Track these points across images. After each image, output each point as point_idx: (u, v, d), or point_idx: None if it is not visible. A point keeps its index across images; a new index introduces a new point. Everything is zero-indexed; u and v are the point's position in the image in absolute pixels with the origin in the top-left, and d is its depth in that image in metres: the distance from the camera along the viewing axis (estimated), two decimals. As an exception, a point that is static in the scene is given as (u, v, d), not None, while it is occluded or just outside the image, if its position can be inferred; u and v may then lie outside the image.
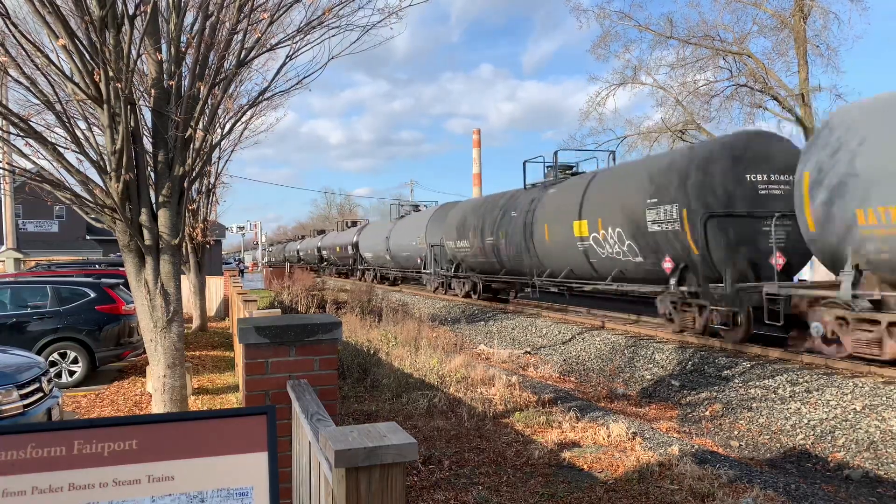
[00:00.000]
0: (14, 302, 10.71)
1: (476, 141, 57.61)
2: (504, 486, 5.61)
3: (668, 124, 27.35)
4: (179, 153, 6.07)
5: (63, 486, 1.81)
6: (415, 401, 8.34)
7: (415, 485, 5.61)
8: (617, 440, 6.88)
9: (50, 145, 5.63)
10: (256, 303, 9.44)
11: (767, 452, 7.77)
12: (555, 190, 17.26)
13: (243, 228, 54.80)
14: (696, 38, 26.47)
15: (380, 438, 1.82)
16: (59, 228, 41.32)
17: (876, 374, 9.02)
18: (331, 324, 3.64)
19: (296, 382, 3.45)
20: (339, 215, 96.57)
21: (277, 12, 6.21)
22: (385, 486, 1.78)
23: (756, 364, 10.38)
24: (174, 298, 6.13)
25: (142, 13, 5.62)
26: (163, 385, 6.16)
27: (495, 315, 19.16)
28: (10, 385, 5.93)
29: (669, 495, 5.36)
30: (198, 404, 8.73)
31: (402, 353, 11.64)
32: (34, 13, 5.21)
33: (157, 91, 5.89)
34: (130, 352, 11.35)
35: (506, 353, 14.06)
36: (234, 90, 10.87)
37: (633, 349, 12.75)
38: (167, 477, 1.90)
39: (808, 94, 23.98)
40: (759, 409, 8.88)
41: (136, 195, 5.93)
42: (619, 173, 15.02)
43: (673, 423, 8.86)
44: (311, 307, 19.85)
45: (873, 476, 6.76)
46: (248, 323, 3.63)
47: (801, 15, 23.81)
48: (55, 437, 1.84)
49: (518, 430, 7.30)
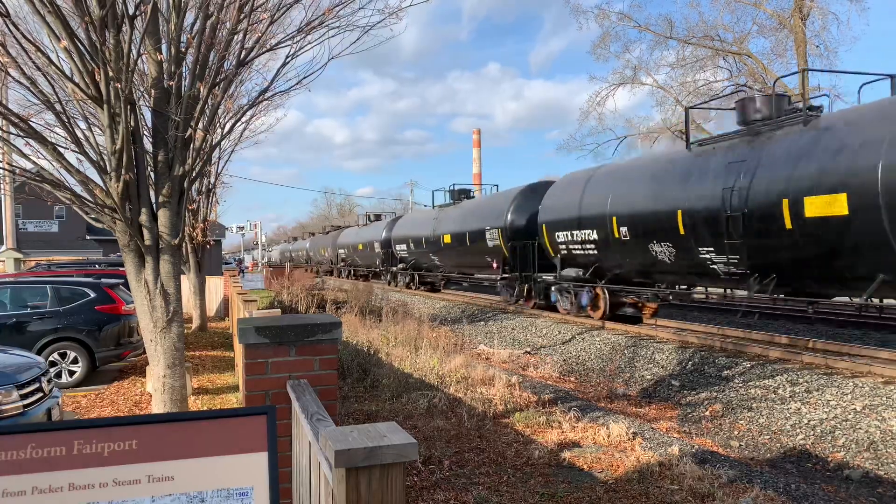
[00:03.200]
0: (14, 302, 10.70)
1: (476, 141, 57.66)
2: (504, 486, 5.61)
3: (667, 124, 27.37)
4: (179, 153, 6.07)
5: (63, 486, 1.81)
6: (415, 401, 8.34)
7: (415, 485, 5.61)
8: (617, 440, 6.88)
9: (50, 145, 5.62)
10: (256, 303, 9.44)
11: (767, 452, 7.76)
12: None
13: (243, 228, 54.81)
14: (695, 38, 26.52)
15: (380, 438, 1.82)
16: (59, 228, 41.31)
17: (876, 374, 9.03)
18: (331, 324, 3.64)
19: (296, 382, 3.45)
20: (338, 215, 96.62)
21: (277, 12, 6.20)
22: (385, 486, 1.78)
23: (756, 364, 10.38)
24: (174, 298, 6.13)
25: (142, 13, 5.62)
26: (163, 385, 6.16)
27: (495, 315, 19.14)
28: (10, 385, 5.93)
29: (669, 495, 5.36)
30: (198, 404, 8.73)
31: (402, 352, 11.64)
32: (34, 13, 5.21)
33: (157, 91, 5.88)
34: (130, 352, 11.35)
35: (506, 353, 14.05)
36: (234, 90, 10.87)
37: (633, 349, 12.74)
38: (167, 477, 1.90)
39: (807, 94, 23.96)
40: (759, 409, 8.88)
41: (136, 195, 5.93)
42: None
43: (673, 423, 8.86)
44: (310, 307, 19.86)
45: (873, 476, 6.76)
46: (248, 323, 3.62)
47: (800, 15, 23.83)
48: (55, 437, 1.84)
49: (518, 431, 7.29)
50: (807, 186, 9.52)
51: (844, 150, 9.15)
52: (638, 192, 13.51)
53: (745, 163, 10.81)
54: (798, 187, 9.66)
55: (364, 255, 37.12)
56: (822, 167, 9.37)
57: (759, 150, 10.72)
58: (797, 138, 10.15)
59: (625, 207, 13.86)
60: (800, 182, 9.65)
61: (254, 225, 56.30)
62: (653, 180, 13.18)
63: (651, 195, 13.01)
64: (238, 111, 7.82)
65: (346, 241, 41.43)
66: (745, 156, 10.91)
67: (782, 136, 10.52)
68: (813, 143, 9.73)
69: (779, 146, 10.38)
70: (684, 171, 12.36)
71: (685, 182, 12.15)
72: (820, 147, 9.56)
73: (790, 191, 9.78)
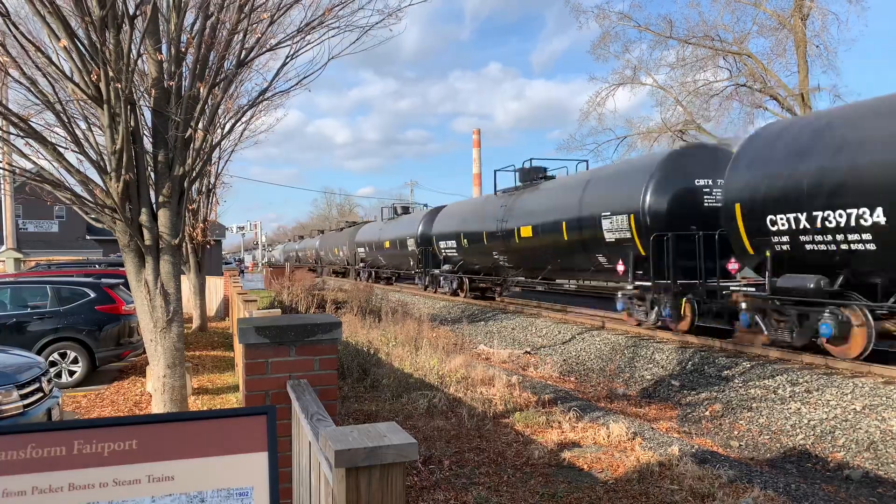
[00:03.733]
0: (14, 302, 10.70)
1: (476, 141, 57.67)
2: (504, 486, 5.61)
3: (668, 124, 27.36)
4: (179, 153, 6.07)
5: (63, 486, 1.81)
6: (415, 401, 8.34)
7: (415, 485, 5.61)
8: (617, 440, 6.88)
9: (50, 145, 5.63)
10: (256, 303, 9.44)
11: (767, 452, 7.77)
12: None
13: (243, 228, 54.81)
14: (695, 38, 26.51)
15: (380, 438, 1.82)
16: (59, 228, 41.32)
17: (876, 374, 9.03)
18: (331, 324, 3.64)
19: (296, 382, 3.45)
20: (339, 215, 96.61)
21: (277, 12, 6.21)
22: (385, 486, 1.78)
23: (756, 364, 10.38)
24: (174, 298, 6.13)
25: (142, 13, 5.62)
26: (163, 385, 6.16)
27: (495, 315, 19.15)
28: (10, 385, 5.93)
29: (669, 495, 5.36)
30: (198, 404, 8.73)
31: (402, 352, 11.64)
32: (34, 13, 5.21)
33: (158, 91, 5.89)
34: (130, 352, 11.35)
35: (506, 353, 14.06)
36: (234, 90, 10.87)
37: (633, 349, 12.74)
38: (167, 477, 1.90)
39: (807, 94, 24.00)
40: (759, 409, 8.88)
41: (136, 195, 5.93)
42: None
43: (673, 423, 8.86)
44: (310, 307, 19.85)
45: (873, 476, 6.76)
46: (248, 323, 3.62)
47: (800, 15, 23.84)
48: (55, 437, 1.84)
49: (518, 430, 7.29)
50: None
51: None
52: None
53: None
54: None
55: (391, 254, 31.21)
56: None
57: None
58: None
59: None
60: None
61: (254, 225, 56.31)
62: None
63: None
64: (238, 111, 7.82)
65: (367, 239, 35.31)
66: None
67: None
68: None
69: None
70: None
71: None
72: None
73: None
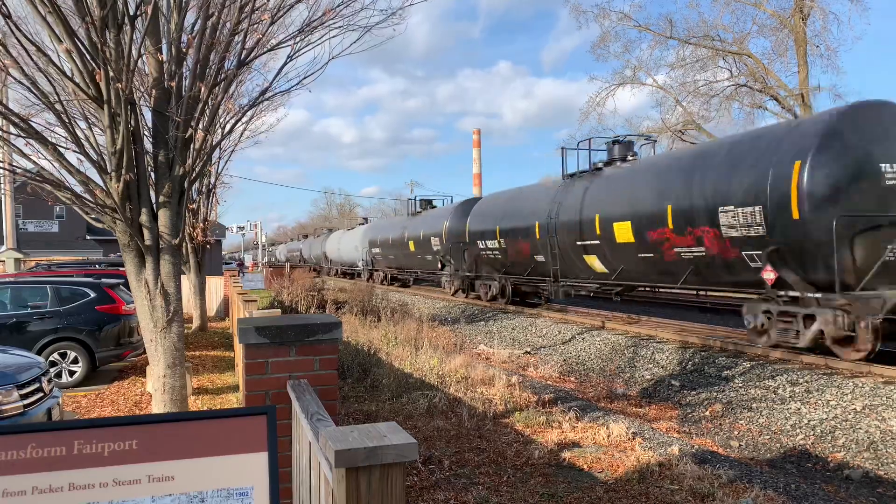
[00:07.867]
0: (14, 302, 10.70)
1: (476, 141, 57.67)
2: (504, 486, 5.61)
3: (667, 124, 27.36)
4: (180, 153, 6.07)
5: (63, 486, 1.81)
6: (415, 401, 8.34)
7: (415, 485, 5.61)
8: (617, 440, 6.88)
9: (50, 145, 5.63)
10: (256, 303, 9.44)
11: (767, 452, 7.76)
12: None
13: (243, 228, 54.76)
14: (695, 38, 26.50)
15: (380, 438, 1.82)
16: (59, 228, 41.33)
17: (876, 375, 9.03)
18: (331, 324, 3.64)
19: (296, 382, 3.45)
20: (339, 215, 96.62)
21: (278, 12, 6.20)
22: (385, 486, 1.78)
23: (756, 364, 10.38)
24: (174, 298, 6.13)
25: (142, 13, 5.62)
26: (163, 385, 6.16)
27: (495, 315, 19.15)
28: (10, 385, 5.93)
29: (669, 495, 5.36)
30: (198, 404, 8.73)
31: (402, 353, 11.64)
32: (35, 14, 5.21)
33: (158, 91, 5.88)
34: (130, 352, 11.34)
35: (506, 353, 14.06)
36: (234, 90, 10.87)
37: (633, 349, 12.74)
38: (167, 477, 1.90)
39: (808, 94, 23.99)
40: (760, 409, 8.88)
41: (136, 195, 5.93)
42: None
43: (673, 423, 8.86)
44: (311, 307, 19.85)
45: (873, 476, 6.76)
46: (248, 323, 3.63)
47: (800, 15, 23.83)
48: (55, 437, 1.84)
49: (518, 430, 7.29)
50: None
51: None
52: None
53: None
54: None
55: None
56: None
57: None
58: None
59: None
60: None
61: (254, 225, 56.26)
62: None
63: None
64: (238, 111, 7.82)
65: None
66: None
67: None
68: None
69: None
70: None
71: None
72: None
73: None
